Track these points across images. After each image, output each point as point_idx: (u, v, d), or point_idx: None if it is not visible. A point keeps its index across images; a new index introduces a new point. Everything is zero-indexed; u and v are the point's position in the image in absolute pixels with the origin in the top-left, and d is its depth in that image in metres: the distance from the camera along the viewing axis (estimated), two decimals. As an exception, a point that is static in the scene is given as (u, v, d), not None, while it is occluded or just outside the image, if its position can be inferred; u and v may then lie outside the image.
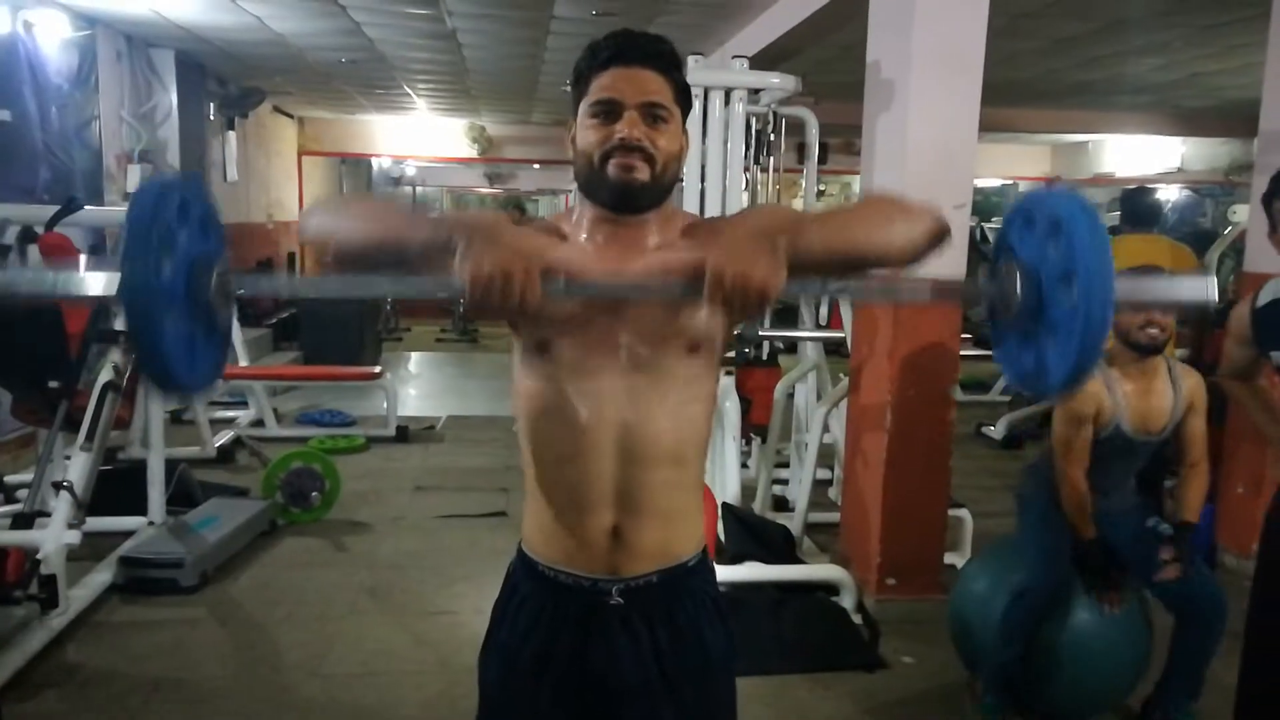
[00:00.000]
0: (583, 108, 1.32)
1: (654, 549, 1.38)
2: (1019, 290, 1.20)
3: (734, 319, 1.33)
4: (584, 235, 1.36)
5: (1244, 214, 6.45)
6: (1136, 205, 4.63)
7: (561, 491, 1.37)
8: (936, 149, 3.37)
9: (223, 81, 8.56)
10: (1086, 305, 1.11)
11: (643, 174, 1.29)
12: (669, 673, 1.37)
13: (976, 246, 10.48)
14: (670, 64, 1.34)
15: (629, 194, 1.30)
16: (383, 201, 1.38)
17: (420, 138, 12.17)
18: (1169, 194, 11.68)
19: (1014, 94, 8.27)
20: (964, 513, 4.05)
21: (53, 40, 5.72)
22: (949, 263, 3.42)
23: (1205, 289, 1.18)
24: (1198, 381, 2.73)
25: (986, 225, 11.50)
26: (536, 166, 13.65)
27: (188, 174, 1.29)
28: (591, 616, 1.38)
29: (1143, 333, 2.57)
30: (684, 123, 1.36)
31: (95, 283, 1.17)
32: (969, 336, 8.11)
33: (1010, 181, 14.55)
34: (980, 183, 13.64)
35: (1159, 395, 2.66)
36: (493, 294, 1.13)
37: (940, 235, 1.30)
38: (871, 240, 1.27)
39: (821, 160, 4.87)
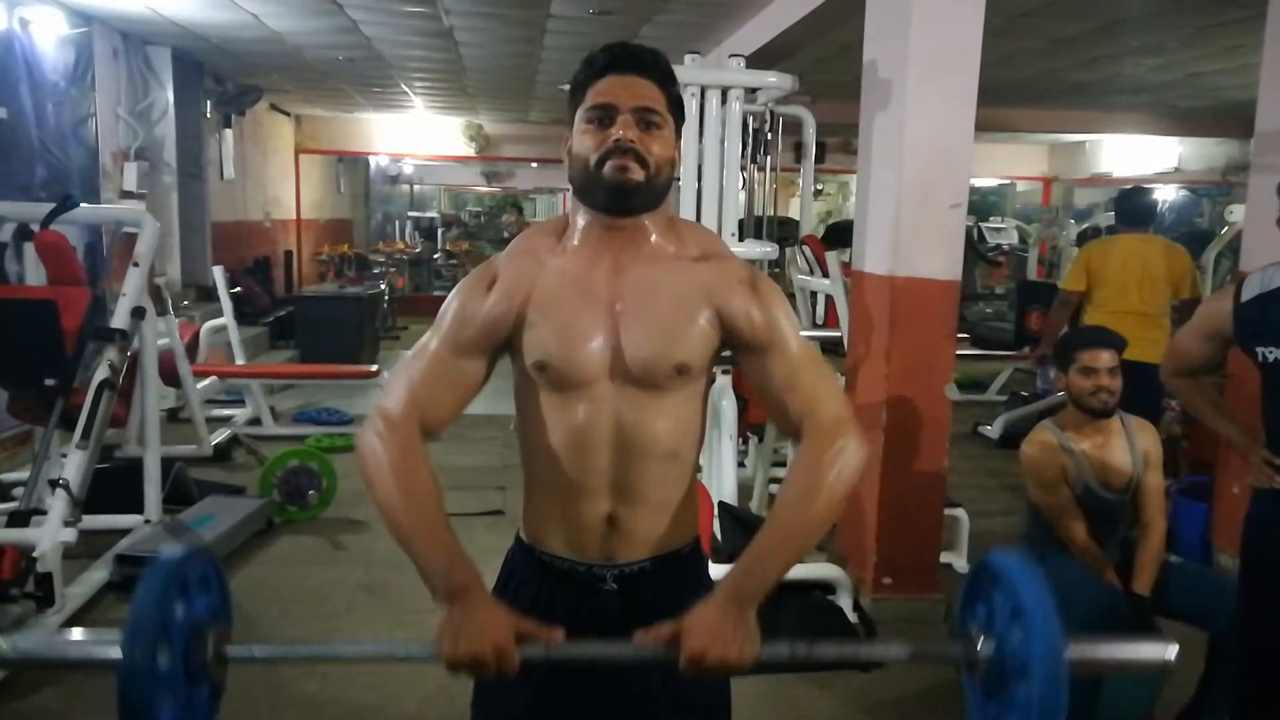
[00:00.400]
0: (579, 114, 1.37)
1: (648, 537, 1.40)
2: (980, 661, 1.23)
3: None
4: (577, 241, 1.40)
5: (1240, 214, 6.48)
6: (1131, 204, 4.65)
7: (558, 481, 1.39)
8: (933, 148, 3.37)
9: (220, 79, 8.55)
10: (1040, 708, 1.12)
11: (637, 175, 1.33)
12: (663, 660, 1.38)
13: (974, 246, 10.52)
14: (665, 76, 1.38)
15: (623, 194, 1.33)
16: (400, 494, 1.31)
17: (418, 136, 12.16)
18: (1166, 194, 11.70)
19: (1011, 94, 8.28)
20: (960, 512, 4.06)
21: (49, 37, 5.71)
22: (945, 262, 3.45)
23: (1164, 652, 1.22)
24: (1153, 436, 2.75)
25: (984, 225, 11.51)
26: (534, 165, 13.65)
27: (195, 550, 1.34)
28: (587, 603, 1.40)
29: (1094, 398, 2.63)
30: (677, 136, 1.40)
31: (100, 650, 1.21)
32: (966, 336, 8.16)
33: (1008, 181, 14.58)
34: (978, 182, 13.67)
35: (1117, 450, 2.69)
36: (471, 673, 1.23)
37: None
38: (821, 533, 1.34)
39: (819, 159, 4.90)
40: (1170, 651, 1.21)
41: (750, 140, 4.10)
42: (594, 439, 1.36)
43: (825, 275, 4.42)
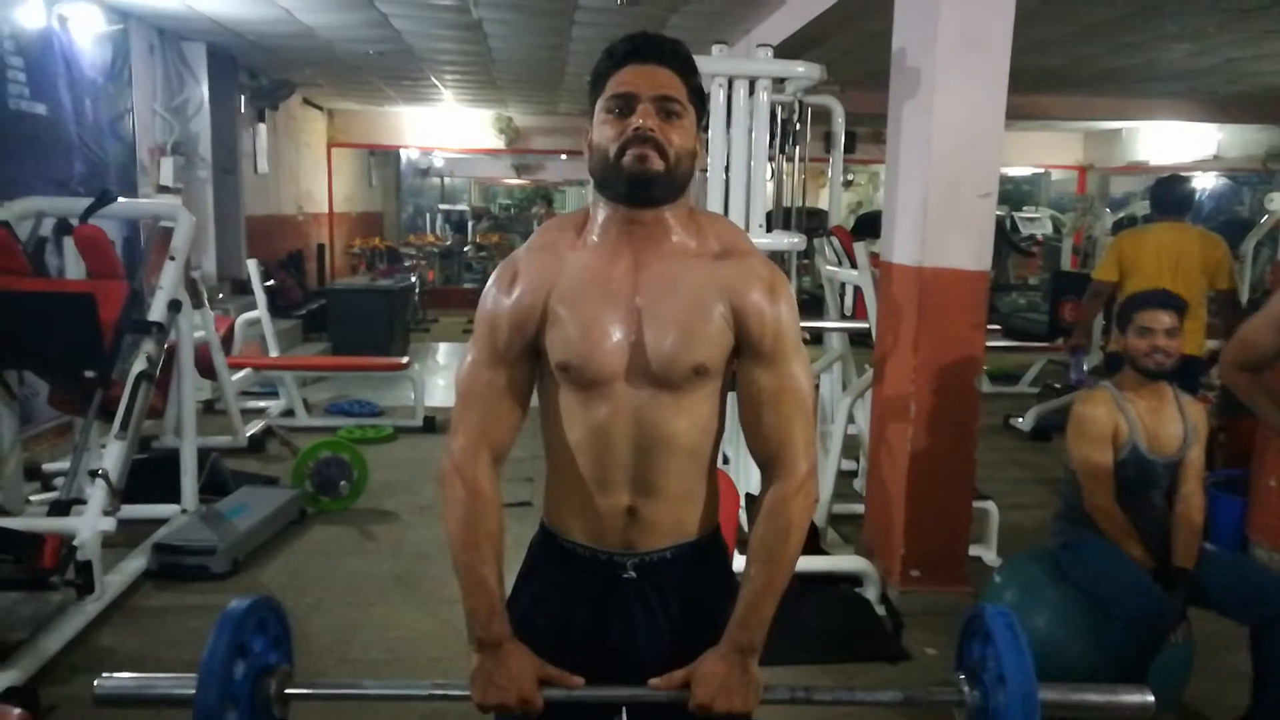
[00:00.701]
0: (599, 105, 1.36)
1: (668, 527, 1.42)
2: (968, 707, 1.37)
3: None
4: (597, 236, 1.39)
5: (1280, 202, 6.36)
6: (1167, 193, 4.57)
7: (579, 474, 1.41)
8: (962, 137, 3.34)
9: (253, 74, 8.65)
10: None
11: (656, 164, 1.31)
12: (684, 646, 1.40)
13: (1006, 236, 10.40)
14: (685, 65, 1.37)
15: (643, 183, 1.32)
16: (460, 540, 1.41)
17: (448, 129, 12.22)
18: (1205, 182, 11.49)
19: (1044, 80, 8.16)
20: (990, 505, 4.03)
21: (87, 34, 5.80)
22: (974, 253, 3.42)
23: (1143, 697, 1.33)
24: (1201, 412, 2.77)
25: (1018, 215, 11.37)
26: (564, 157, 13.67)
27: (260, 601, 1.41)
28: (608, 591, 1.43)
29: (1149, 358, 2.65)
30: (699, 127, 1.39)
31: (180, 686, 1.38)
32: (998, 328, 8.08)
33: (1042, 170, 14.39)
34: (1011, 171, 13.51)
35: (1169, 418, 2.71)
36: (499, 714, 1.37)
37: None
38: (794, 567, 1.43)
39: (849, 149, 4.85)
40: (1148, 695, 1.33)
41: (778, 131, 4.08)
42: (614, 436, 1.37)
43: (853, 266, 4.39)
